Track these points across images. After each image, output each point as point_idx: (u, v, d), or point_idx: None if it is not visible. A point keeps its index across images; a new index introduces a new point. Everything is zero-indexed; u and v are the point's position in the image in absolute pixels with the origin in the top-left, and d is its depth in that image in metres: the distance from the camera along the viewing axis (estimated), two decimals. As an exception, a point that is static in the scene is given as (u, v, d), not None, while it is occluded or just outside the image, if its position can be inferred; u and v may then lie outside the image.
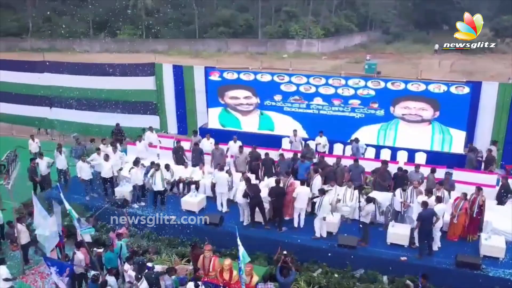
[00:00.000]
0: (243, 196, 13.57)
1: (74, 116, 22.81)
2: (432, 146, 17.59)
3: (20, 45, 51.46)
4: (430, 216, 11.87)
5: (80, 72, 22.29)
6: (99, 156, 16.07)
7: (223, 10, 54.47)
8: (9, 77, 23.65)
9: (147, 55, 47.32)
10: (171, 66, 20.72)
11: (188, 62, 43.81)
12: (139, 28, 53.12)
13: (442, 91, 16.90)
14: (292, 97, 18.68)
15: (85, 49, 50.84)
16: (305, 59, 45.77)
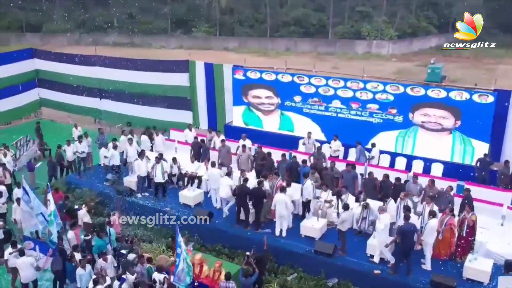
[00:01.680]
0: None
1: (119, 108, 24.32)
2: (453, 157, 16.52)
3: (103, 40, 55.25)
4: (411, 232, 11.28)
5: (125, 67, 23.65)
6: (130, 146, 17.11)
7: (296, 9, 54.35)
8: (67, 70, 25.71)
9: (218, 52, 48.98)
10: (203, 64, 21.26)
11: (254, 61, 44.53)
12: (213, 26, 54.66)
13: (464, 99, 15.82)
14: (311, 98, 18.48)
15: (161, 45, 53.44)
16: (373, 60, 44.43)
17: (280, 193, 12.96)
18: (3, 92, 25.24)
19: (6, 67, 25.42)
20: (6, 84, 25.35)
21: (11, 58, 26.03)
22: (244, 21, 55.54)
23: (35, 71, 26.96)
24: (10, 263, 12.03)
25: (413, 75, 38.11)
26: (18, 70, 26.05)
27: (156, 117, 22.95)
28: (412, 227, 11.49)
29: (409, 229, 11.37)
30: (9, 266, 12.11)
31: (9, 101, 25.69)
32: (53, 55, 26.91)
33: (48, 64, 26.53)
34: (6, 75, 25.29)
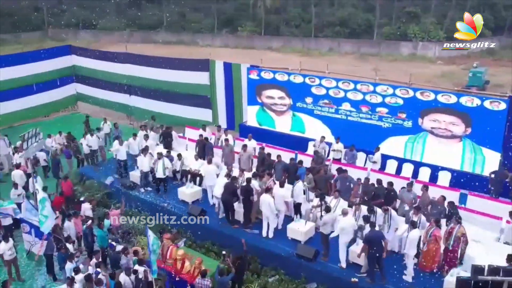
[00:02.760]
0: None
1: (146, 104, 25.08)
2: (462, 166, 15.78)
3: (153, 38, 57.02)
4: (379, 239, 10.98)
5: (151, 64, 24.35)
6: (134, 140, 17.69)
7: (343, 9, 53.63)
8: (101, 66, 26.82)
9: (261, 52, 49.12)
10: (222, 63, 21.50)
11: (295, 61, 44.03)
12: (259, 25, 54.95)
13: (475, 105, 15.07)
14: (322, 100, 18.24)
15: (207, 44, 54.40)
16: (417, 63, 43.07)
17: (265, 194, 12.92)
18: (42, 86, 26.79)
19: (45, 63, 26.95)
20: (45, 78, 26.87)
21: (50, 54, 27.50)
22: (291, 21, 55.44)
23: (73, 67, 28.32)
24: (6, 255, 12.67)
25: (457, 79, 36.67)
26: (56, 66, 27.50)
27: (179, 114, 23.55)
28: (378, 234, 11.16)
29: (375, 236, 11.05)
30: (5, 259, 12.71)
31: (47, 95, 27.23)
32: (89, 52, 28.15)
33: (84, 60, 27.79)
34: (45, 70, 26.81)
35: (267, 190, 13.01)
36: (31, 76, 26.19)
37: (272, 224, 13.21)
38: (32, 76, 26.23)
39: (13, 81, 25.33)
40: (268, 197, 12.85)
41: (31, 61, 26.41)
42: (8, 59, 26.23)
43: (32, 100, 26.48)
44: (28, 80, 26.11)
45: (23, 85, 25.90)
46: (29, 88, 26.27)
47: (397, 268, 11.67)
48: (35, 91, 26.65)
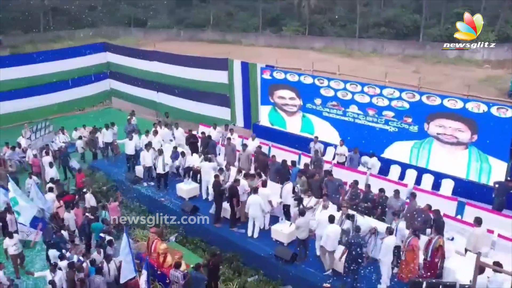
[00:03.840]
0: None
1: (171, 101, 25.74)
2: (468, 174, 15.08)
3: (199, 36, 58.05)
4: (358, 244, 10.74)
5: (176, 62, 24.94)
6: (146, 137, 18.23)
7: (389, 9, 52.25)
8: (133, 63, 27.76)
9: (303, 52, 48.94)
10: (239, 63, 21.66)
11: (337, 61, 43.66)
12: (303, 25, 54.64)
13: (481, 111, 14.37)
14: (330, 102, 17.99)
15: (250, 43, 54.72)
16: (462, 66, 41.35)
17: (254, 194, 12.97)
18: (77, 82, 28.06)
19: (81, 59, 28.25)
20: (80, 74, 28.11)
21: (85, 51, 28.80)
22: (336, 21, 54.70)
23: (107, 64, 29.45)
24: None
25: (501, 85, 34.84)
26: (92, 62, 28.71)
27: (199, 111, 23.98)
28: (359, 239, 10.90)
29: (356, 242, 10.81)
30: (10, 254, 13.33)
31: (82, 90, 28.50)
32: (122, 49, 29.23)
33: (117, 57, 28.86)
34: (80, 66, 28.07)
35: (255, 190, 13.02)
36: (67, 72, 27.51)
37: (258, 223, 13.22)
38: (68, 71, 27.54)
39: (49, 76, 26.73)
40: (257, 198, 12.90)
41: (68, 57, 27.81)
42: (46, 55, 27.76)
43: (68, 94, 27.82)
44: (64, 75, 27.44)
45: (59, 80, 27.28)
46: (65, 83, 27.62)
47: (376, 276, 11.40)
48: (71, 86, 27.96)
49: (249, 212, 13.10)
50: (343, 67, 38.49)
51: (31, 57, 27.40)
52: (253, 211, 13.01)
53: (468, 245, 11.48)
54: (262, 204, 12.96)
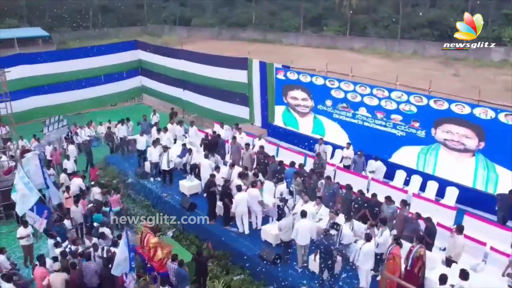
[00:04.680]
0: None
1: (195, 99, 26.20)
2: (475, 183, 14.45)
3: (240, 35, 58.56)
4: (327, 246, 10.59)
5: (200, 61, 25.31)
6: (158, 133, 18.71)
7: (433, 10, 50.64)
8: (161, 61, 28.45)
9: (341, 52, 48.46)
10: (258, 62, 21.70)
11: (374, 62, 43.25)
12: (344, 25, 53.93)
13: (489, 118, 13.73)
14: (340, 104, 17.73)
15: (290, 43, 54.63)
16: (507, 70, 39.44)
17: (240, 192, 13.08)
18: (109, 78, 29.12)
19: (113, 56, 29.28)
20: (112, 70, 29.18)
21: (118, 48, 29.82)
22: (379, 21, 53.64)
23: (138, 61, 30.31)
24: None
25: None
26: (123, 59, 29.70)
27: (220, 110, 24.27)
28: (329, 241, 10.69)
29: (326, 244, 10.64)
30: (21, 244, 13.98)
31: (114, 86, 29.54)
32: (152, 47, 29.93)
33: (148, 55, 29.64)
34: (113, 63, 29.09)
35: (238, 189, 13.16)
36: (100, 68, 28.58)
37: (246, 220, 13.35)
38: (101, 67, 28.61)
39: (83, 72, 27.84)
40: (244, 195, 13.03)
41: (101, 54, 28.86)
42: (81, 51, 28.94)
43: (101, 90, 28.90)
44: (98, 72, 28.51)
45: (93, 76, 28.38)
46: (98, 79, 28.69)
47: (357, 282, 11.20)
48: (103, 82, 29.01)
49: (236, 209, 13.17)
50: (380, 68, 38.13)
51: (68, 53, 28.72)
52: (240, 208, 13.10)
53: (448, 252, 11.12)
54: (249, 201, 13.04)
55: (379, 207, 12.57)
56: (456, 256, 11.20)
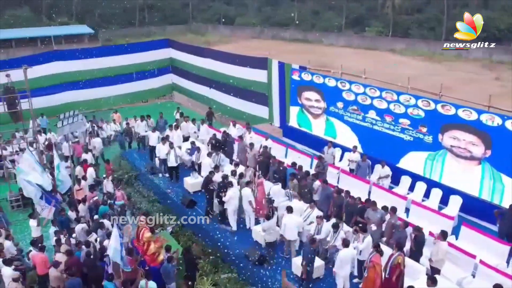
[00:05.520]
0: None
1: (220, 97, 26.51)
2: (481, 193, 13.81)
3: (281, 35, 58.44)
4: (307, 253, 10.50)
5: (226, 60, 25.57)
6: (170, 130, 19.13)
7: (485, 11, 48.38)
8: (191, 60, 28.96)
9: (382, 53, 47.48)
10: (277, 62, 21.66)
11: (411, 64, 42.02)
12: (387, 26, 52.69)
13: (495, 125, 13.08)
14: (351, 106, 17.41)
15: (330, 43, 53.99)
16: None
17: (231, 188, 13.24)
18: (141, 75, 29.92)
19: (146, 54, 30.04)
20: (144, 68, 29.93)
21: (150, 46, 30.61)
22: (424, 22, 52.03)
23: (170, 59, 30.96)
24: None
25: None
26: (155, 57, 30.44)
27: (242, 109, 24.46)
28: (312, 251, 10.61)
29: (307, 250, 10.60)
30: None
31: (145, 83, 30.33)
32: (183, 46, 30.54)
33: (179, 53, 30.25)
34: (145, 61, 29.86)
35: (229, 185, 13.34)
36: (132, 65, 29.43)
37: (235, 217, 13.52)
38: (133, 65, 29.47)
39: (116, 68, 28.80)
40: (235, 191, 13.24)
41: (134, 51, 29.73)
42: (114, 49, 29.94)
43: (132, 86, 29.78)
44: (130, 69, 29.39)
45: (125, 73, 29.29)
46: (130, 76, 29.57)
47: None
48: (135, 79, 29.87)
49: (228, 206, 13.34)
50: (418, 71, 37.03)
51: (102, 51, 29.76)
52: (232, 204, 13.26)
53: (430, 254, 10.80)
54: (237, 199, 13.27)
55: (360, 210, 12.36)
56: (439, 263, 10.82)
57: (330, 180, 15.26)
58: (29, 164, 14.80)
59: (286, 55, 43.58)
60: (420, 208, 13.27)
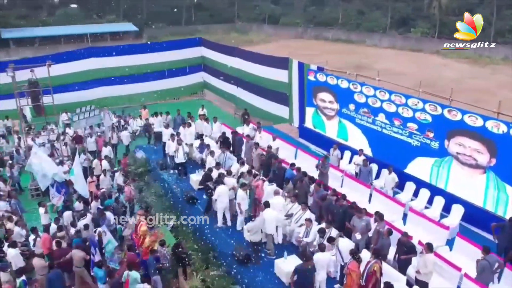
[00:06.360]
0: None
1: (245, 96, 26.68)
2: (485, 203, 13.17)
3: (324, 35, 57.77)
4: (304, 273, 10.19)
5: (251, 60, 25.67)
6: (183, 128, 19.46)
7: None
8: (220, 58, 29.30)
9: (426, 55, 46.03)
10: (297, 63, 21.51)
11: (453, 66, 40.39)
12: (433, 27, 50.90)
13: (500, 132, 12.42)
14: (362, 108, 17.03)
15: (374, 44, 52.86)
16: None
17: (220, 185, 13.34)
18: (173, 72, 30.53)
19: (178, 52, 30.64)
20: (176, 66, 30.51)
21: (182, 45, 31.21)
22: (472, 23, 49.79)
23: (201, 57, 31.42)
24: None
25: None
26: (187, 55, 31.01)
27: (264, 108, 24.53)
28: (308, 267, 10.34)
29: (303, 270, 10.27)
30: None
31: (177, 80, 30.92)
32: (214, 45, 30.87)
33: (210, 52, 30.63)
34: (177, 58, 30.46)
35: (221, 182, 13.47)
36: (165, 63, 30.07)
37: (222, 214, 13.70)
38: (166, 62, 30.09)
39: (148, 66, 29.53)
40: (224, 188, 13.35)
41: (167, 49, 30.40)
42: (148, 46, 30.74)
43: (164, 83, 30.44)
44: (162, 66, 30.05)
45: (157, 70, 29.98)
46: (162, 73, 30.26)
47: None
48: (167, 76, 30.52)
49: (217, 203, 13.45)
50: (461, 74, 35.61)
51: (135, 48, 30.62)
52: (220, 201, 13.37)
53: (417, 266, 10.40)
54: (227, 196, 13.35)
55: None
56: (427, 276, 10.41)
57: (333, 182, 15.11)
58: (40, 157, 15.59)
59: (326, 56, 42.97)
60: (417, 216, 12.80)
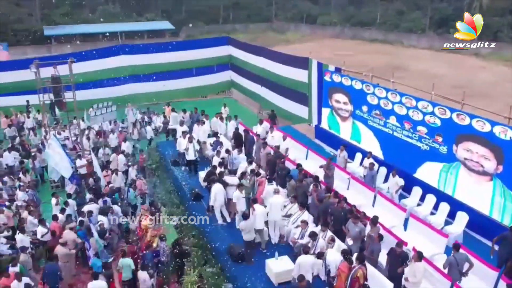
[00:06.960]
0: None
1: (268, 95, 26.74)
2: (491, 211, 12.66)
3: (361, 35, 56.84)
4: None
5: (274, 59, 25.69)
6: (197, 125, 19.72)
7: None
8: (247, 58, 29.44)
9: (464, 57, 44.46)
10: (316, 63, 21.34)
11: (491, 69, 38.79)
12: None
13: (508, 138, 11.91)
14: (374, 110, 16.72)
15: (411, 44, 51.59)
16: None
17: (216, 183, 13.43)
18: (200, 71, 30.92)
19: (206, 50, 31.00)
20: (203, 64, 30.89)
21: (210, 43, 31.56)
22: (512, 24, 47.97)
23: (229, 56, 31.64)
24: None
25: None
26: (215, 54, 31.34)
27: (285, 107, 24.52)
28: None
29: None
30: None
31: (204, 79, 31.30)
32: (241, 44, 31.01)
33: (237, 51, 30.82)
34: (205, 57, 30.82)
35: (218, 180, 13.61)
36: (192, 61, 30.51)
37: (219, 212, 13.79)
38: (193, 61, 30.52)
39: (176, 64, 30.05)
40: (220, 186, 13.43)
41: (195, 48, 30.84)
42: (176, 45, 31.24)
43: (191, 81, 30.90)
44: (189, 64, 30.51)
45: (185, 68, 30.46)
46: (189, 71, 30.71)
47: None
48: (194, 74, 30.95)
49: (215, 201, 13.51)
50: (498, 77, 34.36)
51: (164, 46, 31.17)
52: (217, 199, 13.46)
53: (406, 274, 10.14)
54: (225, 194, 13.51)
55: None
56: (415, 285, 10.15)
57: (339, 184, 14.95)
58: (53, 148, 16.22)
59: (359, 56, 42.46)
60: (418, 222, 12.47)
